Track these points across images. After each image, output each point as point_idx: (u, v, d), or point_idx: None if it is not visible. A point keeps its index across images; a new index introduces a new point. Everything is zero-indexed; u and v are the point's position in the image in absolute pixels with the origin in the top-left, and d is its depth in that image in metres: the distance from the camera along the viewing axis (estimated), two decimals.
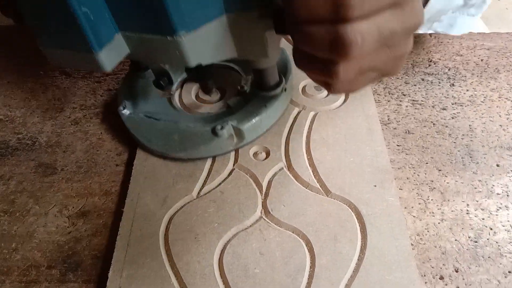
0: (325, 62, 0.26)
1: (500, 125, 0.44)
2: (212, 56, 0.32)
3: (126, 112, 0.42)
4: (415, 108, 0.46)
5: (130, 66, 0.44)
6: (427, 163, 0.41)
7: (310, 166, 0.39)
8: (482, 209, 0.38)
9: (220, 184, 0.38)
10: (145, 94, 0.43)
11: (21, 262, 0.35)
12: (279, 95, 0.40)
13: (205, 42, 0.31)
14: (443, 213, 0.37)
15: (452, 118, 0.45)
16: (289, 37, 0.28)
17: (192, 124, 0.39)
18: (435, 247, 0.35)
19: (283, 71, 0.40)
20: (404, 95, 0.47)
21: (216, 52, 0.32)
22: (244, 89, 0.41)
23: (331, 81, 0.28)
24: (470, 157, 0.41)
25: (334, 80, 0.27)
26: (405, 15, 0.25)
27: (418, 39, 0.53)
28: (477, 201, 0.38)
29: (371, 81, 0.28)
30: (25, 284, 0.34)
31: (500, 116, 0.45)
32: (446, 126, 0.44)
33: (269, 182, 0.38)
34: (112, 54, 0.31)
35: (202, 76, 0.40)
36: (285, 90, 0.40)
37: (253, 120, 0.38)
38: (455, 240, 0.36)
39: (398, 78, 0.49)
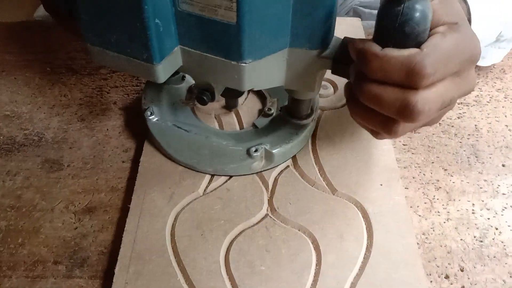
0: (387, 119, 0.28)
1: (506, 125, 0.44)
2: (264, 84, 0.33)
3: (153, 118, 0.41)
4: None
5: None
6: (433, 162, 0.41)
7: (316, 164, 0.39)
8: (487, 209, 0.38)
9: (226, 181, 0.38)
10: (170, 101, 0.43)
11: (27, 257, 0.35)
12: (309, 125, 0.40)
13: (263, 70, 0.32)
14: (448, 212, 0.37)
15: (458, 118, 0.45)
16: None
17: (224, 142, 0.40)
18: (441, 246, 0.35)
19: (313, 103, 0.41)
20: None
21: (268, 80, 0.33)
22: (271, 112, 0.42)
23: (387, 135, 0.30)
24: (476, 157, 0.41)
25: (391, 135, 0.29)
26: (462, 83, 0.27)
27: None
28: (483, 200, 0.38)
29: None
30: (32, 279, 0.34)
31: (506, 116, 0.45)
32: (452, 126, 0.44)
33: (275, 180, 0.38)
34: (167, 66, 0.31)
35: (236, 94, 0.40)
36: (314, 120, 0.41)
37: (285, 146, 0.39)
38: (461, 239, 0.36)
39: None
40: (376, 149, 0.40)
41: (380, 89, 0.27)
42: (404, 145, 0.42)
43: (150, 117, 0.41)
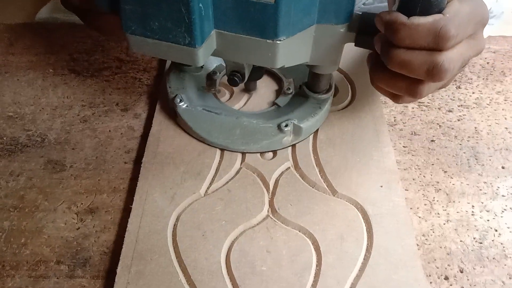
0: (413, 81, 0.31)
1: (506, 128, 0.44)
2: (293, 60, 0.35)
3: (183, 104, 0.42)
4: (421, 110, 0.46)
5: (172, 62, 0.46)
6: (433, 164, 0.41)
7: (317, 165, 0.40)
8: (487, 211, 0.38)
9: (227, 182, 0.38)
10: (194, 88, 0.44)
11: (30, 257, 0.35)
12: (329, 99, 0.43)
13: (293, 47, 0.34)
14: (448, 214, 0.38)
15: (458, 120, 0.45)
16: None
17: (254, 120, 0.41)
18: (440, 247, 0.36)
19: (331, 79, 0.43)
20: None
21: (297, 56, 0.35)
22: (290, 91, 0.45)
23: (411, 98, 0.33)
24: (476, 159, 0.42)
25: (416, 97, 0.32)
26: (476, 44, 0.31)
27: None
28: (482, 202, 0.38)
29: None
30: (34, 278, 0.34)
31: (505, 118, 0.45)
32: (452, 128, 0.44)
33: (276, 181, 0.39)
34: (206, 50, 0.33)
35: (258, 76, 0.43)
36: (332, 94, 0.43)
37: (311, 119, 0.41)
38: (460, 241, 0.36)
39: None
40: (376, 151, 0.41)
41: (408, 54, 0.29)
42: (404, 147, 0.43)
43: (180, 104, 0.42)
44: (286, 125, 0.40)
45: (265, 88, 0.47)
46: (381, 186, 0.38)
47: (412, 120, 0.45)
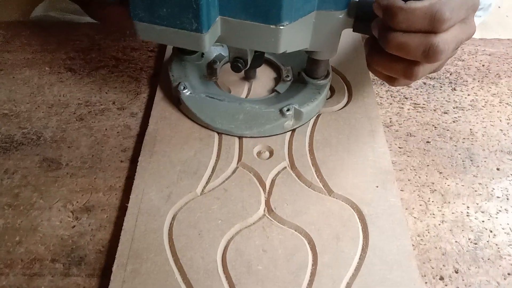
0: (409, 64, 0.33)
1: (501, 130, 0.45)
2: (294, 46, 0.37)
3: (186, 92, 0.43)
4: (417, 112, 0.46)
5: (174, 50, 0.47)
6: (428, 165, 0.41)
7: (313, 165, 0.40)
8: (482, 212, 0.38)
9: (224, 181, 0.38)
10: (196, 76, 0.46)
11: (24, 255, 0.35)
12: (327, 84, 0.44)
13: (295, 32, 0.36)
14: (443, 214, 0.38)
15: (453, 122, 0.45)
16: None
17: (257, 106, 0.43)
18: (436, 248, 0.36)
19: (327, 65, 0.45)
20: (406, 98, 0.48)
21: (298, 42, 0.37)
22: (289, 78, 0.46)
23: (406, 80, 0.35)
24: (471, 160, 0.42)
25: (411, 79, 0.34)
26: (467, 28, 0.32)
27: None
28: (477, 203, 0.39)
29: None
30: (29, 277, 0.34)
31: (500, 120, 0.46)
32: (447, 130, 0.45)
33: (273, 181, 0.39)
34: (211, 35, 0.35)
35: (258, 64, 0.45)
36: (330, 80, 0.45)
37: (311, 104, 0.42)
38: (455, 241, 0.36)
39: None
40: (372, 151, 0.41)
41: (405, 37, 0.31)
42: (399, 148, 0.43)
43: (183, 91, 0.43)
44: (288, 110, 0.41)
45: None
46: (377, 187, 0.38)
47: (407, 121, 0.45)
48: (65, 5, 0.65)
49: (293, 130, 0.43)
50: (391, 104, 0.47)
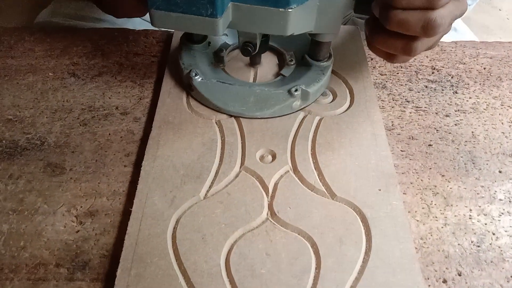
0: (408, 40, 0.36)
1: (503, 132, 0.45)
2: (300, 28, 0.39)
3: (198, 78, 0.45)
4: (419, 115, 0.46)
5: (182, 40, 0.49)
6: (430, 168, 0.42)
7: (315, 169, 0.40)
8: (484, 215, 0.38)
9: (227, 186, 0.39)
10: (206, 64, 0.48)
11: (29, 260, 0.35)
12: (330, 66, 0.47)
13: (302, 15, 0.38)
14: (446, 217, 0.38)
15: (455, 124, 0.45)
16: None
17: (266, 88, 0.45)
18: (438, 251, 0.36)
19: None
20: (408, 101, 0.48)
21: (304, 25, 0.40)
22: (293, 62, 0.49)
23: (405, 56, 0.38)
24: (473, 163, 0.42)
25: (411, 54, 0.37)
26: (460, 4, 0.35)
27: None
28: (480, 206, 0.39)
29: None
30: (33, 281, 0.34)
31: (502, 123, 0.46)
32: (449, 133, 0.45)
33: (275, 185, 0.39)
34: (224, 20, 0.37)
35: (264, 49, 0.47)
36: (332, 62, 0.48)
37: (317, 84, 0.45)
38: (458, 244, 0.36)
39: (402, 85, 0.49)
40: (374, 155, 0.41)
41: (405, 14, 0.34)
42: (402, 151, 0.43)
43: (195, 77, 0.45)
44: (296, 90, 0.44)
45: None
46: (379, 190, 0.38)
47: (409, 124, 0.45)
48: (69, 11, 0.66)
49: (296, 134, 0.43)
50: (393, 107, 0.47)
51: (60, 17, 0.65)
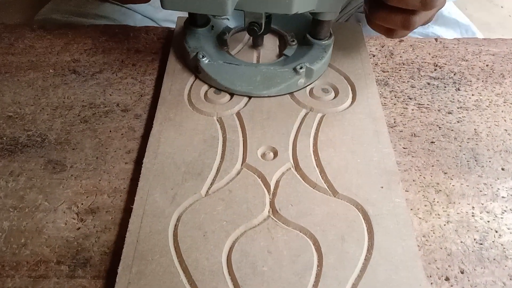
0: (407, 14, 0.38)
1: (505, 130, 0.45)
2: (305, 7, 0.41)
3: (205, 60, 0.46)
4: (421, 112, 0.46)
5: (186, 24, 0.50)
6: (433, 165, 0.41)
7: (317, 166, 0.40)
8: (487, 212, 0.38)
9: (228, 183, 0.38)
10: (211, 47, 0.49)
11: (30, 257, 0.35)
12: (331, 44, 0.49)
13: None
14: (448, 215, 0.38)
15: (458, 122, 0.45)
16: None
17: (272, 67, 0.47)
18: (441, 248, 0.36)
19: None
20: (410, 98, 0.47)
21: (307, 3, 0.41)
22: (294, 43, 0.50)
23: (404, 30, 0.40)
24: (476, 161, 0.42)
25: (410, 27, 0.39)
26: None
27: (424, 44, 0.54)
28: (482, 203, 0.39)
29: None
30: (34, 279, 0.34)
31: (505, 120, 0.45)
32: (452, 130, 0.44)
33: (277, 182, 0.39)
34: (232, 1, 0.38)
35: (267, 31, 0.49)
36: (333, 40, 0.50)
37: (320, 62, 0.46)
38: (461, 242, 0.36)
39: (404, 82, 0.49)
40: (376, 152, 0.41)
41: None
42: (404, 148, 0.43)
43: (202, 59, 0.46)
44: (301, 67, 0.45)
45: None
46: (382, 187, 0.38)
47: (412, 121, 0.45)
48: (69, 7, 0.65)
49: (298, 131, 0.43)
50: (395, 104, 0.47)
51: (61, 13, 0.65)
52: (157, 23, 0.68)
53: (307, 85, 0.47)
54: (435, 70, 0.51)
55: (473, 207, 0.38)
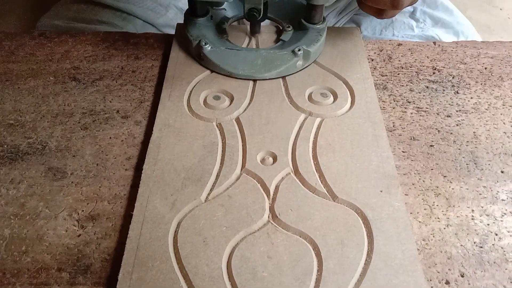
0: None
1: (504, 132, 0.45)
2: None
3: (208, 47, 0.49)
4: (420, 115, 0.46)
5: (186, 15, 0.52)
6: (432, 169, 0.41)
7: (316, 171, 0.40)
8: (487, 215, 0.38)
9: (228, 188, 0.39)
10: (211, 34, 0.52)
11: (31, 265, 0.35)
12: (325, 28, 0.52)
13: None
14: (448, 218, 0.38)
15: (457, 125, 0.45)
16: None
17: (271, 51, 0.50)
18: (441, 252, 0.36)
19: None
20: (409, 102, 0.48)
21: None
22: (290, 29, 0.53)
23: (395, 8, 0.42)
24: (475, 164, 0.42)
25: (399, 8, 0.42)
26: None
27: (422, 48, 0.54)
28: (482, 207, 0.39)
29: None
30: (35, 286, 0.34)
31: (504, 123, 0.45)
32: (451, 133, 0.45)
33: (276, 187, 0.39)
34: None
35: (264, 18, 0.51)
36: (326, 24, 0.53)
37: (316, 44, 0.49)
38: (461, 245, 0.36)
39: (402, 86, 0.49)
40: (375, 156, 0.41)
41: None
42: (403, 152, 0.43)
43: (205, 46, 0.49)
44: (299, 50, 0.48)
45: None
46: (381, 191, 0.38)
47: (411, 125, 0.45)
48: (71, 13, 0.66)
49: (297, 135, 0.43)
50: (394, 108, 0.47)
51: (62, 19, 0.65)
52: (158, 28, 0.68)
53: (305, 67, 0.50)
54: (434, 73, 0.51)
55: (472, 210, 0.38)
